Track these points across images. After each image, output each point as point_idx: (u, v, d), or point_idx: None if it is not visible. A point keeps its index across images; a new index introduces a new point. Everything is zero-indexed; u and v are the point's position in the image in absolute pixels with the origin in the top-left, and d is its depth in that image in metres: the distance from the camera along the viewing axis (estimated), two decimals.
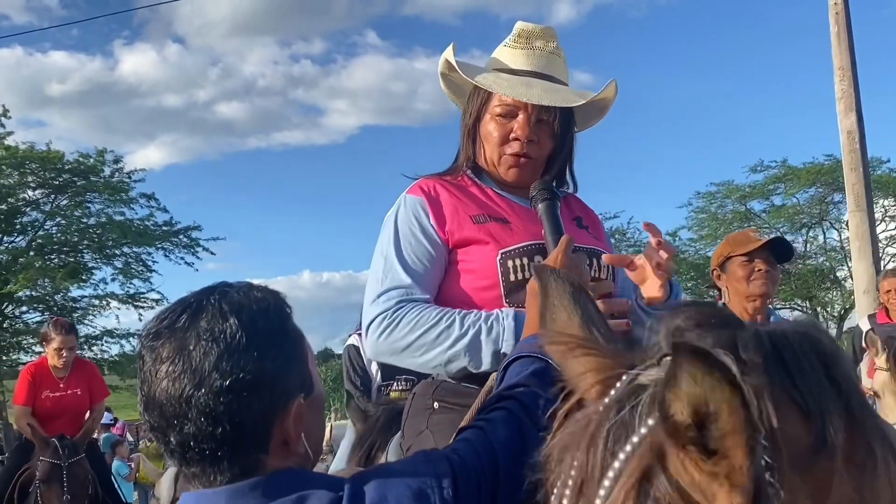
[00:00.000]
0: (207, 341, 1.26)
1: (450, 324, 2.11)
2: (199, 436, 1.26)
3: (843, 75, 11.92)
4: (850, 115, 11.82)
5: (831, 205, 31.19)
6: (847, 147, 11.91)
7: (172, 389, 1.26)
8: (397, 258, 2.25)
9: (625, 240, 31.75)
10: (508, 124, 2.32)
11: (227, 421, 1.25)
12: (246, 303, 1.32)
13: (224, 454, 1.27)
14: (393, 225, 2.31)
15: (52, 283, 25.09)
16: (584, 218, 2.49)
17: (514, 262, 2.21)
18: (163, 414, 1.28)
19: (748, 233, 4.05)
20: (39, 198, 26.73)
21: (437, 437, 2.15)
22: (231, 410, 1.25)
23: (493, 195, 2.37)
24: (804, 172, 30.12)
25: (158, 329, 1.32)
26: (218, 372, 1.25)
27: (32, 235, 26.64)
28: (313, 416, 1.39)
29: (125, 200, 26.50)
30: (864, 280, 11.47)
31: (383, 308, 2.18)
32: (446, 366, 2.14)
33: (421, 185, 2.37)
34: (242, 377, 1.25)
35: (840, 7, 12.04)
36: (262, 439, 1.28)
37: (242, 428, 1.26)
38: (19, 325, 26.82)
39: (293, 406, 1.31)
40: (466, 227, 2.27)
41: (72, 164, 25.91)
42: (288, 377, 1.31)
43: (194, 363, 1.26)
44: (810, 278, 31.46)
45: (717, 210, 32.24)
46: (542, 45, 2.39)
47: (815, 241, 33.11)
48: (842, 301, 31.58)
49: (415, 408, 2.31)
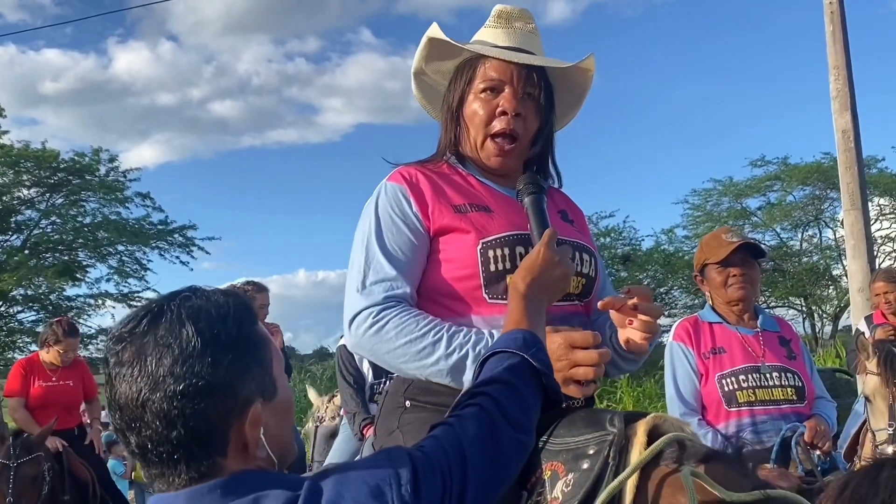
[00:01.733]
0: (163, 346, 1.29)
1: (437, 340, 2.07)
2: (155, 439, 1.28)
3: (837, 74, 11.93)
4: (845, 114, 11.84)
5: (827, 203, 31.24)
6: (842, 146, 11.93)
7: (130, 393, 1.29)
8: (380, 248, 2.21)
9: (620, 238, 31.78)
10: (494, 100, 2.29)
11: (182, 425, 1.27)
12: (205, 309, 1.34)
13: (181, 457, 1.29)
14: (374, 212, 2.26)
15: (46, 281, 25.06)
16: (569, 212, 2.46)
17: (494, 252, 2.17)
18: (122, 416, 1.31)
19: (720, 235, 4.00)
20: (34, 196, 26.69)
21: (408, 437, 2.13)
22: (185, 415, 1.26)
23: (475, 183, 2.34)
24: (801, 170, 30.14)
25: (121, 334, 1.34)
26: (172, 377, 1.27)
27: (28, 234, 26.59)
28: (277, 421, 1.38)
29: (120, 200, 26.48)
30: (859, 279, 11.49)
31: (369, 303, 2.14)
32: (425, 377, 2.11)
33: (401, 172, 2.33)
34: (196, 382, 1.27)
35: (835, 6, 12.05)
36: (219, 443, 1.30)
37: (197, 432, 1.27)
38: (14, 324, 26.78)
39: (249, 411, 1.31)
40: (447, 216, 2.23)
41: (67, 163, 25.87)
42: (244, 383, 1.31)
43: (150, 368, 1.28)
44: (805, 276, 31.47)
45: (713, 208, 32.26)
46: (521, 26, 2.39)
47: (810, 239, 33.16)
48: (837, 299, 31.61)
49: (387, 406, 2.27)
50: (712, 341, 3.79)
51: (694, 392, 3.72)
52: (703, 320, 3.88)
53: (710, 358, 3.74)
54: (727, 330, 3.81)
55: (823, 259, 32.13)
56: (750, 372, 3.66)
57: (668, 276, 31.38)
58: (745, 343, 3.76)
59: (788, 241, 33.17)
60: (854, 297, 11.90)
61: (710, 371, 3.71)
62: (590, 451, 1.87)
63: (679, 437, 1.79)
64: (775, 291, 31.95)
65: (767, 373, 3.67)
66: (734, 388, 3.65)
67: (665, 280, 31.76)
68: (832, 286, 32.01)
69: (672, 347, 3.87)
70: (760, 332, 3.80)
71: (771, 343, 3.78)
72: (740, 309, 3.85)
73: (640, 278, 31.84)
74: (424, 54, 2.44)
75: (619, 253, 30.90)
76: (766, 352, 3.74)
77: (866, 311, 9.02)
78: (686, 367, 3.76)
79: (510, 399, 1.55)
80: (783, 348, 3.79)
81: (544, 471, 1.94)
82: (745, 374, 3.67)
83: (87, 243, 26.54)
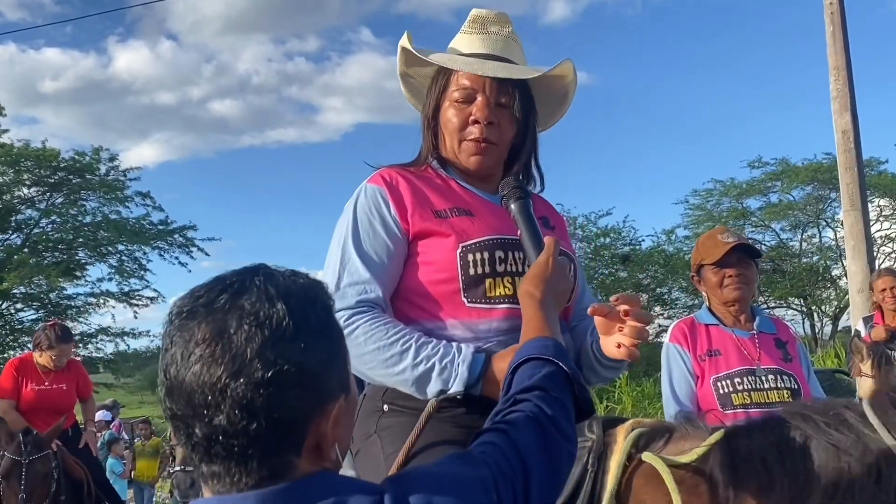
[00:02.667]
0: (251, 325, 1.14)
1: (404, 350, 2.05)
2: (229, 430, 1.13)
3: (837, 75, 11.94)
4: (845, 114, 11.84)
5: (827, 203, 31.24)
6: (842, 146, 11.93)
7: (206, 375, 1.13)
8: (356, 250, 2.19)
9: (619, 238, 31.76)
10: (467, 108, 2.27)
11: (265, 416, 1.13)
12: (294, 289, 1.21)
13: (254, 452, 1.15)
14: (352, 214, 2.25)
15: (47, 281, 25.06)
16: (551, 218, 2.44)
17: (474, 256, 2.16)
18: (190, 402, 1.15)
19: (715, 236, 3.98)
20: (34, 196, 26.70)
21: (385, 442, 2.12)
22: (270, 405, 1.13)
23: (455, 187, 2.33)
24: (801, 170, 30.14)
25: (194, 307, 1.19)
26: (261, 360, 1.13)
27: (28, 233, 26.60)
28: (348, 419, 1.28)
29: (120, 199, 26.48)
30: (859, 279, 11.50)
31: (342, 306, 2.10)
32: (391, 385, 2.11)
33: (382, 174, 2.31)
34: (287, 369, 1.13)
35: (835, 7, 12.05)
36: (297, 440, 1.17)
37: (279, 425, 1.14)
38: (14, 322, 26.79)
39: (334, 407, 1.20)
40: (427, 219, 2.22)
41: (67, 162, 25.89)
42: (332, 374, 1.21)
43: (234, 348, 1.13)
44: (805, 277, 31.47)
45: (713, 208, 32.25)
46: (496, 30, 2.36)
47: (810, 239, 33.16)
48: (837, 300, 31.60)
49: (365, 410, 2.24)
50: (708, 343, 3.79)
51: (690, 393, 3.73)
52: (700, 322, 3.88)
53: (706, 360, 3.74)
54: (723, 332, 3.82)
55: (823, 259, 32.13)
56: (745, 374, 3.66)
57: (669, 276, 31.36)
58: (740, 346, 3.76)
59: (788, 241, 33.20)
60: (854, 298, 11.90)
61: (705, 373, 3.71)
62: None
63: (641, 431, 1.82)
64: (775, 292, 31.95)
65: (763, 375, 3.67)
66: (729, 390, 3.65)
67: (665, 280, 31.74)
68: (832, 287, 32.01)
69: (668, 349, 3.87)
70: (756, 334, 3.80)
71: (767, 345, 3.78)
72: (737, 310, 3.85)
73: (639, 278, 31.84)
74: (403, 60, 2.44)
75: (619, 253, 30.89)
76: (762, 354, 3.73)
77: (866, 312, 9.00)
78: (682, 369, 3.77)
79: (554, 408, 1.49)
80: (779, 350, 3.79)
81: None
82: (740, 376, 3.67)
83: (88, 242, 26.55)
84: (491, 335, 2.14)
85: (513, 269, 2.18)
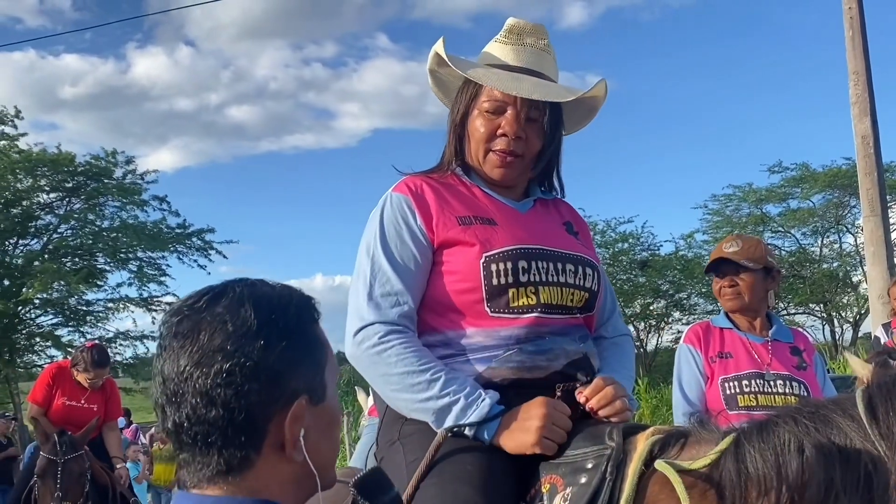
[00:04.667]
0: (219, 323, 1.25)
1: (434, 379, 2.07)
2: (193, 417, 1.23)
3: (857, 79, 11.88)
4: (865, 119, 11.78)
5: (847, 209, 31.07)
6: (861, 151, 11.87)
7: (176, 366, 1.25)
8: (387, 260, 2.20)
9: (638, 244, 31.72)
10: (496, 120, 2.27)
11: (221, 405, 1.22)
12: (269, 295, 1.30)
13: (214, 441, 1.23)
14: (379, 223, 2.25)
15: (67, 287, 25.22)
16: (574, 223, 2.45)
17: (497, 267, 2.16)
18: (165, 390, 1.26)
19: (722, 244, 3.99)
20: (53, 201, 26.88)
21: (407, 449, 2.14)
22: (227, 395, 1.22)
23: (479, 195, 2.32)
24: (821, 176, 30.00)
25: (180, 307, 1.31)
26: (221, 353, 1.22)
27: (47, 239, 26.78)
28: (320, 430, 1.31)
29: (138, 203, 26.64)
30: (879, 285, 11.43)
31: (380, 318, 2.14)
32: (407, 410, 2.13)
33: (407, 183, 2.31)
34: (243, 362, 1.22)
35: (854, 11, 12.00)
36: (257, 435, 1.24)
37: (236, 415, 1.22)
38: (33, 327, 26.98)
39: (293, 406, 1.25)
40: (451, 228, 2.22)
41: (84, 167, 26.06)
42: (293, 374, 1.26)
43: (201, 342, 1.24)
44: (825, 283, 31.32)
45: (732, 213, 32.17)
46: (532, 42, 2.35)
47: (831, 245, 32.99)
48: (857, 306, 31.42)
49: (388, 417, 2.27)
50: (720, 346, 3.81)
51: (699, 394, 3.75)
52: (715, 325, 3.90)
53: (717, 361, 3.76)
54: (736, 336, 3.83)
55: (843, 265, 31.96)
56: (754, 377, 3.67)
57: (687, 281, 31.30)
58: (752, 350, 3.77)
59: (808, 247, 33.04)
60: (874, 304, 11.82)
61: (714, 374, 3.74)
62: (588, 465, 1.88)
63: (657, 438, 1.83)
64: (795, 298, 31.82)
65: (772, 380, 3.67)
66: (736, 391, 3.66)
67: (684, 285, 31.68)
68: (852, 293, 31.82)
69: (681, 350, 3.90)
70: (770, 340, 3.80)
71: (780, 352, 3.78)
72: (746, 318, 3.87)
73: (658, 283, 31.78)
74: (436, 61, 2.43)
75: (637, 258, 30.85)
76: (774, 360, 3.73)
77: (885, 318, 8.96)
78: (693, 369, 3.79)
79: None
80: (794, 358, 3.78)
81: (543, 484, 1.95)
82: (748, 379, 3.68)
83: (107, 248, 26.71)
84: (511, 342, 2.15)
85: (536, 279, 2.18)
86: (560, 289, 2.21)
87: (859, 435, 1.61)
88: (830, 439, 1.63)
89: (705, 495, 1.70)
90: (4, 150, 25.21)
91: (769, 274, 3.87)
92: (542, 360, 2.15)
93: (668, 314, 33.19)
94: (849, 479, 1.58)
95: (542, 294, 2.17)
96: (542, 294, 2.17)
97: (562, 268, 2.22)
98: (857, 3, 12.04)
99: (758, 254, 3.84)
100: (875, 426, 1.60)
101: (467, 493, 1.95)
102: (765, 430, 1.71)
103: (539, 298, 2.16)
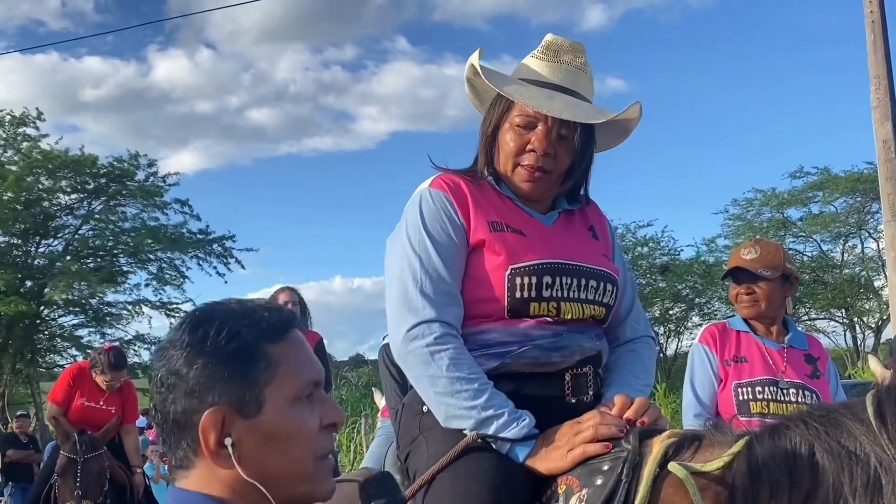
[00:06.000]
0: (172, 341, 1.41)
1: (481, 390, 2.09)
2: (157, 418, 1.42)
3: (878, 84, 11.81)
4: (886, 124, 11.71)
5: (869, 214, 30.84)
6: (882, 156, 11.80)
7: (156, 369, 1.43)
8: (437, 255, 2.19)
9: (658, 248, 31.62)
10: (527, 135, 2.27)
11: (160, 410, 1.39)
12: (212, 316, 1.41)
13: (167, 441, 1.40)
14: (419, 217, 2.26)
15: (88, 287, 25.36)
16: (597, 226, 2.46)
17: (522, 280, 2.18)
18: None
19: (739, 250, 3.95)
20: (74, 202, 27.04)
21: (429, 441, 2.17)
22: (162, 401, 1.38)
23: (510, 205, 2.33)
24: (843, 180, 29.80)
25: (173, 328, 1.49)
26: (161, 367, 1.39)
27: (69, 239, 26.95)
28: (257, 442, 1.35)
29: (159, 205, 26.77)
30: None
31: (435, 316, 2.14)
32: (444, 414, 2.13)
33: (444, 180, 2.32)
34: (164, 375, 1.38)
35: (876, 15, 11.93)
36: (189, 438, 1.36)
37: (168, 420, 1.38)
38: (55, 328, 27.15)
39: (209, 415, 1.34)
40: (485, 231, 2.23)
41: (106, 168, 26.20)
42: (212, 388, 1.35)
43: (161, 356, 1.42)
44: (847, 288, 31.11)
45: (754, 218, 32.01)
46: (569, 60, 2.34)
47: (852, 250, 32.76)
48: (879, 311, 31.18)
49: (406, 416, 2.29)
50: (736, 349, 3.77)
51: (711, 395, 3.73)
52: (731, 328, 3.86)
53: (732, 365, 3.73)
54: (752, 340, 3.79)
55: (865, 270, 31.73)
56: (767, 384, 3.64)
57: (708, 286, 31.14)
58: (767, 355, 3.73)
59: (830, 252, 32.82)
60: (895, 310, 11.74)
61: (728, 378, 3.71)
62: (604, 466, 1.90)
63: (672, 441, 1.84)
64: (816, 303, 31.63)
65: (785, 388, 3.64)
66: (749, 398, 3.63)
67: (705, 290, 31.53)
68: (874, 298, 31.58)
69: (696, 349, 3.87)
70: (786, 347, 3.77)
71: (795, 360, 3.75)
72: (763, 325, 3.84)
73: (678, 288, 31.65)
74: (472, 72, 2.42)
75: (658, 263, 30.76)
76: (788, 367, 3.70)
77: None
78: (707, 370, 3.76)
79: None
80: (808, 366, 3.75)
81: (559, 485, 1.96)
82: (762, 385, 3.65)
83: (128, 249, 26.83)
84: (527, 340, 2.17)
85: (558, 295, 2.20)
86: (581, 305, 2.24)
87: (869, 439, 1.61)
88: (840, 443, 1.63)
89: (718, 497, 1.72)
90: (27, 151, 25.41)
91: (787, 280, 3.83)
92: (557, 356, 2.19)
93: (688, 319, 33.06)
94: (858, 482, 1.59)
95: (563, 309, 2.21)
96: (563, 309, 2.21)
97: (584, 284, 2.24)
98: (879, 7, 11.98)
99: (776, 261, 3.80)
100: (884, 430, 1.60)
101: (480, 491, 1.98)
102: (776, 434, 1.71)
103: (560, 314, 2.20)
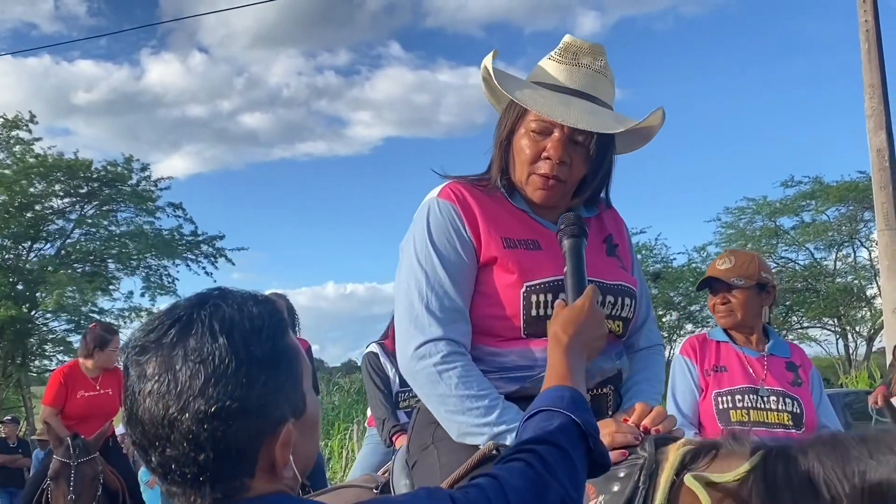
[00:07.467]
0: (195, 362, 1.20)
1: (492, 406, 2.05)
2: (181, 460, 1.20)
3: (872, 93, 11.86)
4: (880, 132, 11.76)
5: (862, 223, 30.92)
6: (876, 165, 11.85)
7: (156, 410, 1.20)
8: (444, 271, 2.16)
9: (651, 255, 31.63)
10: (542, 142, 2.18)
11: (211, 448, 1.19)
12: (238, 320, 1.25)
13: (206, 479, 1.21)
14: (426, 230, 2.20)
15: (80, 293, 25.26)
16: (615, 235, 2.39)
17: (537, 298, 2.12)
18: (145, 434, 1.22)
19: (717, 260, 4.01)
20: (66, 206, 26.94)
21: (441, 452, 2.13)
22: (215, 437, 1.19)
23: (524, 217, 2.27)
24: (835, 189, 29.87)
25: (145, 343, 1.25)
26: (203, 398, 1.19)
27: (61, 244, 26.86)
28: (305, 438, 1.30)
29: (151, 210, 26.71)
30: (893, 299, 11.39)
31: (442, 334, 2.10)
32: (457, 431, 2.10)
33: (451, 190, 2.25)
34: (229, 405, 1.19)
35: (870, 24, 11.98)
36: (248, 464, 1.22)
37: (226, 455, 1.20)
38: (45, 332, 27.05)
39: (282, 432, 1.24)
40: (497, 247, 2.17)
41: (99, 173, 26.13)
42: (277, 403, 1.24)
43: (180, 385, 1.20)
44: (839, 297, 31.14)
45: (746, 226, 32.04)
46: (588, 63, 2.25)
47: (845, 258, 32.81)
48: (871, 320, 31.23)
49: (419, 423, 2.26)
50: (716, 359, 3.81)
51: (693, 405, 3.74)
52: (711, 338, 3.90)
53: (712, 375, 3.76)
54: (732, 349, 3.83)
55: (858, 279, 31.78)
56: (747, 393, 3.67)
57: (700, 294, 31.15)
58: (747, 364, 3.76)
59: (822, 260, 32.86)
60: (888, 318, 11.77)
61: (709, 388, 3.73)
62: (620, 473, 1.88)
63: (688, 449, 1.83)
64: (808, 312, 31.65)
65: (766, 396, 3.66)
66: (729, 406, 3.66)
67: (697, 298, 31.56)
68: (867, 307, 31.64)
69: (677, 361, 3.90)
70: (766, 355, 3.80)
71: (776, 368, 3.76)
72: (742, 334, 3.87)
73: (671, 296, 31.69)
74: (487, 73, 2.34)
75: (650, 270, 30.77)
76: (769, 375, 3.72)
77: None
78: (688, 381, 3.78)
79: (558, 460, 1.46)
80: (790, 374, 3.77)
81: None
82: (741, 394, 3.67)
83: (120, 254, 26.76)
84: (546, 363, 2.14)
85: None
86: None
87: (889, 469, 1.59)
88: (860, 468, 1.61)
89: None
90: (20, 154, 25.34)
91: (763, 290, 3.88)
92: None
93: (681, 326, 33.09)
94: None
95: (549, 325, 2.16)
96: None
97: (601, 300, 2.15)
98: (874, 17, 12.03)
99: (750, 270, 3.85)
100: None
101: None
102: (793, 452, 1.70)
103: None
